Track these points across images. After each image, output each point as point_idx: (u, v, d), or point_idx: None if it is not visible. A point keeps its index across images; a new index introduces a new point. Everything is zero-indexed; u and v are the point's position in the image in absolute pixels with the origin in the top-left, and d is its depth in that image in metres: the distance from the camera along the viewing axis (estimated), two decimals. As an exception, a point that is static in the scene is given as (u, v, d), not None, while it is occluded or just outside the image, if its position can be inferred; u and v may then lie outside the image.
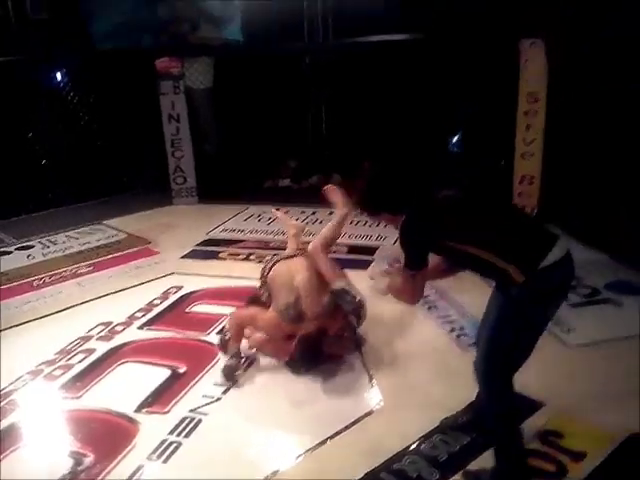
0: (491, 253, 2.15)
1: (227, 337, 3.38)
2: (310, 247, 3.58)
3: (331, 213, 6.07)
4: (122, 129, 7.15)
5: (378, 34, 6.02)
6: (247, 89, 7.04)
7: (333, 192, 3.84)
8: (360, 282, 3.48)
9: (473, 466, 2.47)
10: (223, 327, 3.60)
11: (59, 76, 7.30)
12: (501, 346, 2.23)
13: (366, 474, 2.44)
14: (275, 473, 2.52)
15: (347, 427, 2.75)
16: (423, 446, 2.60)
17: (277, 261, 3.61)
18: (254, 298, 3.59)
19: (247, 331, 3.40)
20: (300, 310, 3.15)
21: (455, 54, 6.15)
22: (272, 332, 3.31)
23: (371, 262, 4.64)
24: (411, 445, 2.60)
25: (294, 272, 3.38)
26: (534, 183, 5.37)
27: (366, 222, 5.83)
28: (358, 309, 3.36)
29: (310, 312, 3.14)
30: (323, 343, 3.20)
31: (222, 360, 3.30)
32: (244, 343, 3.39)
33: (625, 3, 4.91)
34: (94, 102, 7.18)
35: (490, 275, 2.28)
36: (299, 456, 2.61)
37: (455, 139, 7.08)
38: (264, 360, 3.37)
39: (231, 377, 3.16)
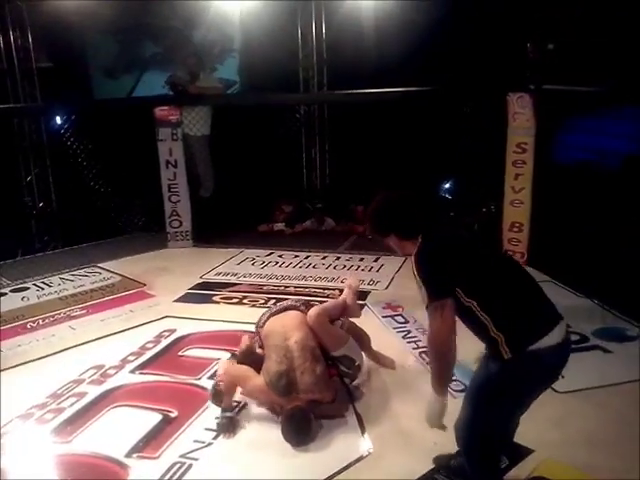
0: (488, 316, 2.07)
1: (219, 387, 3.28)
2: (308, 316, 3.35)
3: (325, 257, 6.23)
4: (120, 174, 7.28)
5: (371, 86, 6.20)
6: (244, 136, 7.21)
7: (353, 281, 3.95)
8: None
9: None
10: (214, 373, 3.59)
11: (59, 121, 7.46)
12: (477, 414, 2.18)
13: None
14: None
15: (338, 472, 2.76)
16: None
17: (273, 314, 3.48)
18: (246, 352, 3.48)
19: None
20: (292, 381, 3.01)
21: (448, 105, 6.36)
22: (261, 399, 3.23)
23: (364, 306, 4.70)
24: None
25: (288, 331, 3.23)
26: (523, 230, 5.48)
27: (358, 267, 5.92)
28: (356, 374, 3.33)
29: (303, 384, 3.01)
30: (313, 414, 3.06)
31: (212, 407, 3.29)
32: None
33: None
34: (93, 148, 7.32)
35: (482, 338, 2.17)
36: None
37: (447, 185, 7.23)
38: (255, 406, 3.37)
39: (228, 430, 3.10)
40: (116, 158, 7.21)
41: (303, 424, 2.98)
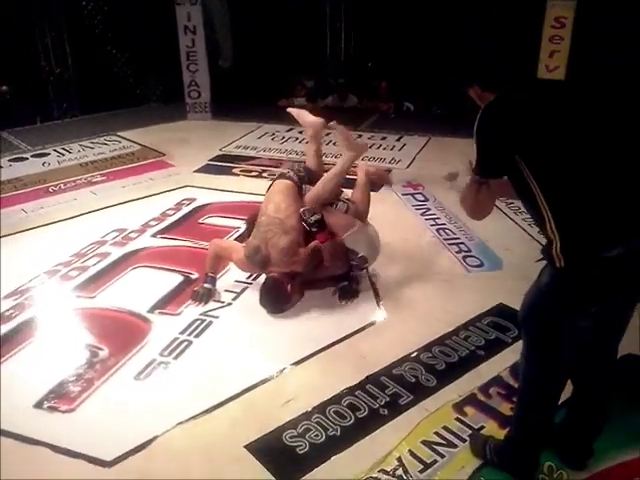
0: (547, 207, 1.66)
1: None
2: (307, 199, 3.22)
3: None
4: (137, 39, 7.03)
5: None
6: (265, 3, 6.85)
7: (340, 130, 3.55)
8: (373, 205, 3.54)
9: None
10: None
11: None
12: (529, 347, 1.87)
13: (366, 377, 2.56)
14: (281, 371, 2.64)
15: (350, 335, 2.86)
16: (422, 355, 2.70)
17: (278, 177, 3.36)
18: (253, 218, 3.35)
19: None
20: (266, 254, 2.97)
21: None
22: (246, 271, 3.25)
23: (382, 185, 4.66)
24: (411, 354, 2.71)
25: (267, 204, 3.16)
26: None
27: (380, 145, 5.82)
28: (361, 264, 3.20)
29: (272, 258, 2.98)
30: (291, 286, 3.05)
31: (233, 269, 3.34)
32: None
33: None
34: (109, 10, 7.03)
35: (541, 233, 1.77)
36: (303, 359, 2.72)
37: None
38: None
39: (202, 300, 3.13)
40: (133, 23, 6.94)
41: (275, 293, 3.03)
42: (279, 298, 3.05)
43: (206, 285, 3.19)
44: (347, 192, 3.50)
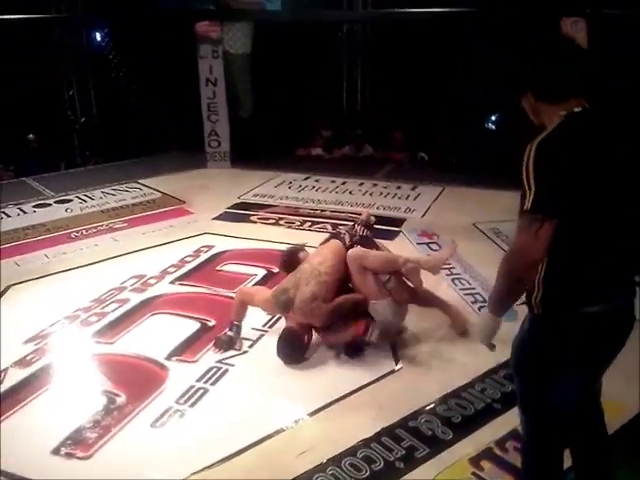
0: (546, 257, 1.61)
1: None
2: (347, 254, 3.19)
3: (362, 184, 6.22)
4: (160, 91, 7.28)
5: (415, 6, 5.98)
6: (284, 57, 7.09)
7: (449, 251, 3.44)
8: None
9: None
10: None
11: (100, 36, 7.43)
12: (521, 386, 1.86)
13: (382, 429, 2.55)
14: (297, 421, 2.64)
15: (365, 385, 2.86)
16: (438, 408, 2.69)
17: (333, 236, 3.46)
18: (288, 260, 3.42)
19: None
20: (291, 298, 3.03)
21: (497, 30, 6.09)
22: (268, 310, 3.29)
23: (398, 233, 4.74)
24: (427, 406, 2.70)
25: (314, 256, 3.24)
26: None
27: (395, 194, 5.90)
28: (387, 334, 3.12)
29: (295, 304, 3.02)
30: (308, 338, 3.08)
31: (250, 317, 3.36)
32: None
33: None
34: (133, 62, 7.30)
35: None
36: (318, 409, 2.72)
37: (493, 117, 7.03)
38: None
39: (224, 348, 3.17)
40: (156, 75, 7.20)
41: (291, 344, 3.04)
42: (295, 349, 3.06)
43: (229, 333, 3.23)
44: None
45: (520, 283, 1.64)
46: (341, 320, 3.07)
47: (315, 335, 3.19)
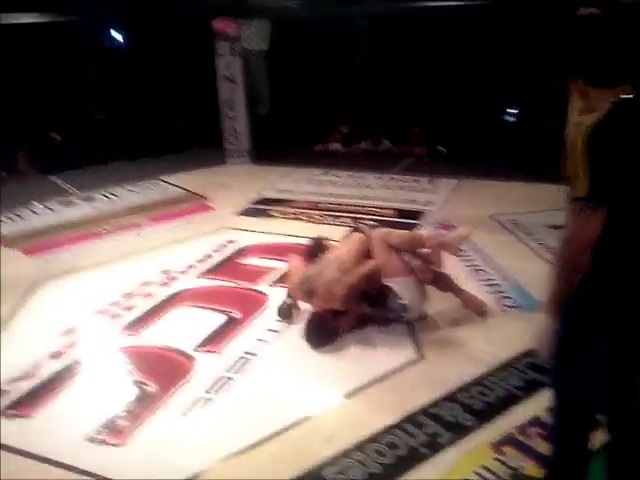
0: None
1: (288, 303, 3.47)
2: (375, 232, 3.41)
3: (379, 178, 6.26)
4: (180, 89, 7.37)
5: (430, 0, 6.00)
6: (302, 53, 7.13)
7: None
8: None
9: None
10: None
11: (119, 36, 7.54)
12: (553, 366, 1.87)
13: (405, 416, 2.61)
14: (322, 409, 2.72)
15: (388, 374, 2.92)
16: (460, 395, 2.75)
17: (356, 229, 3.57)
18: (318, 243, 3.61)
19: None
20: (312, 286, 3.17)
21: (513, 22, 6.09)
22: (296, 295, 3.40)
23: (416, 226, 4.77)
24: (449, 393, 2.75)
25: (338, 247, 3.42)
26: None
27: (413, 188, 5.94)
28: (399, 312, 3.23)
29: (320, 292, 3.15)
30: (334, 323, 3.18)
31: (273, 310, 3.50)
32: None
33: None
34: (153, 61, 7.40)
35: None
36: (345, 396, 2.79)
37: (512, 110, 7.01)
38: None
39: (288, 315, 3.39)
40: (175, 73, 7.29)
41: (317, 328, 3.16)
42: (321, 333, 3.16)
43: (287, 300, 3.43)
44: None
45: (576, 271, 1.65)
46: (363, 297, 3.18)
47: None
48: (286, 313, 3.41)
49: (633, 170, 1.55)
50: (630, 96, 1.63)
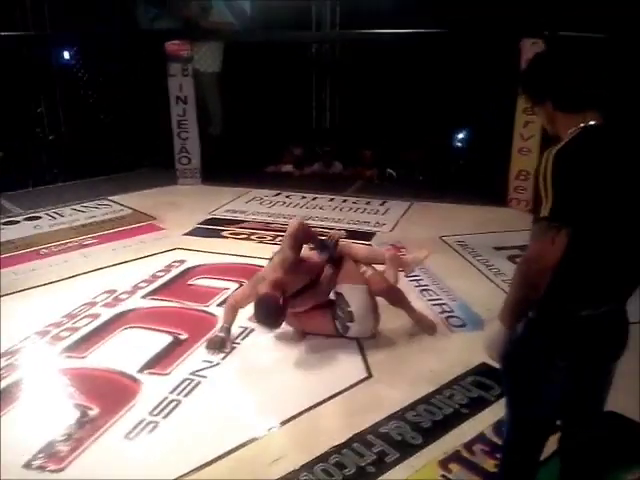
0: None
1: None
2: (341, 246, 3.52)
3: (332, 199, 6.31)
4: (130, 109, 7.30)
5: (384, 27, 6.16)
6: (254, 75, 7.18)
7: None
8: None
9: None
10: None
11: (68, 55, 7.42)
12: (506, 389, 1.96)
13: (354, 435, 2.61)
14: (269, 430, 2.69)
15: (337, 394, 2.92)
16: (408, 414, 2.76)
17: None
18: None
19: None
20: (262, 277, 3.23)
21: (461, 51, 6.29)
22: (251, 299, 3.29)
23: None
24: (397, 412, 2.77)
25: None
26: (529, 178, 5.53)
27: (364, 209, 6.01)
28: (346, 319, 3.28)
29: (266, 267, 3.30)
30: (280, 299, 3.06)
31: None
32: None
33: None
34: (103, 81, 7.32)
35: None
36: (290, 418, 2.76)
37: (460, 135, 7.21)
38: (262, 331, 3.52)
39: (216, 348, 3.29)
40: (126, 93, 7.22)
41: (267, 306, 3.05)
42: (271, 311, 3.05)
43: (220, 334, 3.35)
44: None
45: (535, 290, 1.66)
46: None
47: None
48: (220, 345, 3.32)
49: (597, 192, 1.60)
50: (596, 122, 1.69)
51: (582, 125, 1.68)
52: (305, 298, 3.29)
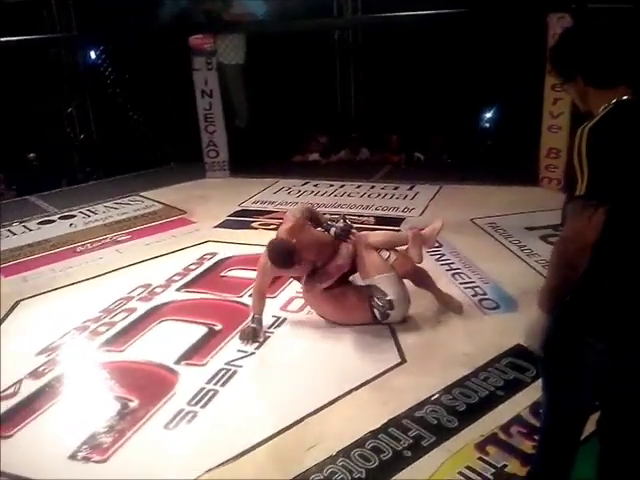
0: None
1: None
2: (358, 235, 3.50)
3: (359, 186, 6.29)
4: (157, 105, 7.38)
5: (406, 9, 6.08)
6: (278, 65, 7.17)
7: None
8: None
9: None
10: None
11: (95, 54, 7.54)
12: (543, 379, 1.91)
13: (389, 420, 2.62)
14: (305, 417, 2.71)
15: (371, 379, 2.93)
16: (443, 397, 2.76)
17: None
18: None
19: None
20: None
21: (486, 29, 6.18)
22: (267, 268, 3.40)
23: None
24: (432, 396, 2.77)
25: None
26: (560, 156, 5.42)
27: (392, 195, 5.98)
28: (386, 308, 3.27)
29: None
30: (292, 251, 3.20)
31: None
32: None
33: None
34: (130, 79, 7.41)
35: None
36: (328, 404, 2.78)
37: (488, 114, 7.11)
38: (294, 319, 3.58)
39: (249, 339, 3.32)
40: (153, 88, 7.30)
41: (280, 246, 3.25)
42: (285, 250, 3.19)
43: (252, 325, 3.37)
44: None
45: (574, 270, 1.63)
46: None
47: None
48: (253, 335, 3.34)
49: (633, 168, 1.56)
50: (629, 97, 1.66)
51: (615, 100, 1.64)
52: (328, 269, 3.35)
